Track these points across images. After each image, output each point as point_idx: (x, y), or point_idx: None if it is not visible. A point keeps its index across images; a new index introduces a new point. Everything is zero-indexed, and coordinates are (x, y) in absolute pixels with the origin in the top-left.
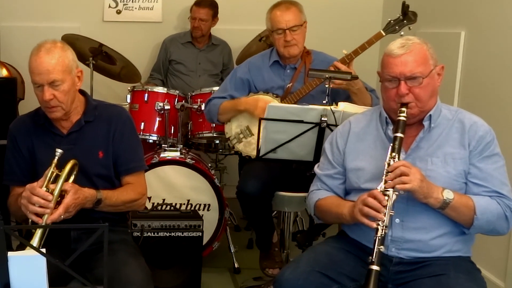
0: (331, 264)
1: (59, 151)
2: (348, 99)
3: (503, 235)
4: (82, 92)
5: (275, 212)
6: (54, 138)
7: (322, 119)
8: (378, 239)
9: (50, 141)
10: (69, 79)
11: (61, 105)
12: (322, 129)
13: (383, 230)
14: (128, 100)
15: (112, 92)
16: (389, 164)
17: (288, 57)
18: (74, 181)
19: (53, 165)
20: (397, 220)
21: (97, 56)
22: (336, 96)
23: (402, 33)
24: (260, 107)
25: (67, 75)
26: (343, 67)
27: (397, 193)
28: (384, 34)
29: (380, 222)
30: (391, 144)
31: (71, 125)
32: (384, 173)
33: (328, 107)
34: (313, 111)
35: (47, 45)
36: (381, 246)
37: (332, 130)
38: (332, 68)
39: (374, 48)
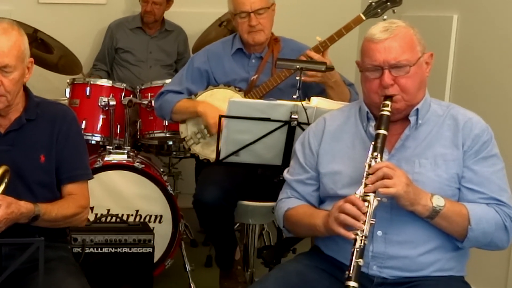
0: (302, 284)
1: None
2: (322, 93)
3: (503, 249)
4: (23, 86)
5: (238, 224)
6: None
7: (292, 116)
8: (356, 251)
9: None
10: (21, 68)
11: (7, 96)
12: (292, 128)
13: (362, 241)
14: (67, 95)
15: (49, 85)
16: (370, 166)
17: (253, 44)
18: (4, 191)
19: None
20: (379, 233)
21: (32, 44)
22: (308, 90)
23: (385, 17)
24: (214, 119)
25: (20, 63)
26: (316, 56)
27: (378, 198)
28: (364, 18)
29: (358, 232)
30: (373, 143)
31: (9, 123)
32: (364, 175)
33: (299, 103)
34: (282, 107)
35: (4, 24)
36: (360, 260)
37: (303, 130)
38: (304, 58)
39: (352, 35)
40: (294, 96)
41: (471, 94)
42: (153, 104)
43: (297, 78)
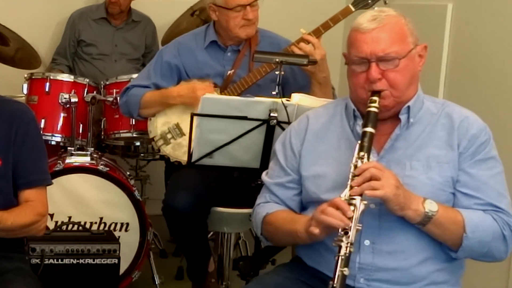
0: None
1: None
2: (302, 89)
3: (500, 260)
4: None
5: (212, 233)
6: None
7: (271, 115)
8: (341, 259)
9: None
10: None
11: None
12: (271, 127)
13: (348, 248)
14: (25, 91)
15: (4, 80)
16: (356, 166)
17: (244, 38)
18: None
19: None
20: (366, 242)
21: None
22: (286, 87)
23: (375, 8)
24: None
25: None
26: (308, 49)
27: (365, 202)
28: (353, 9)
29: (343, 238)
30: (359, 142)
31: None
32: (350, 177)
33: (279, 100)
34: (260, 104)
35: None
36: (345, 269)
37: (283, 129)
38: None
39: (337, 27)
40: (274, 93)
41: (467, 90)
42: (118, 102)
43: (277, 72)
